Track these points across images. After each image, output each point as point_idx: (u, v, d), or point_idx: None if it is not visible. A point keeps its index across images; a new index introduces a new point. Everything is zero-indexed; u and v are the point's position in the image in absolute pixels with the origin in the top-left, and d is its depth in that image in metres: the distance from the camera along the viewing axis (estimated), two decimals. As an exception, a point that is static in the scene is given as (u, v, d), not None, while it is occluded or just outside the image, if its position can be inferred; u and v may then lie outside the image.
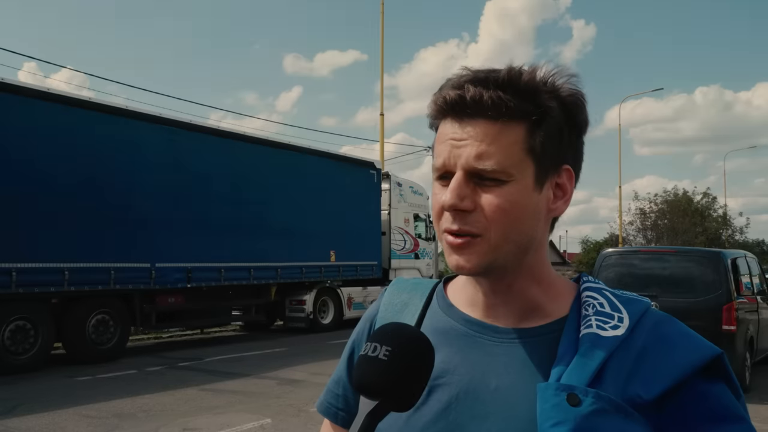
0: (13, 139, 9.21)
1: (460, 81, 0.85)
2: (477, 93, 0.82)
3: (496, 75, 0.84)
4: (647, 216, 39.00)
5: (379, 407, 0.74)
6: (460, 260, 0.85)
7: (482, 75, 0.84)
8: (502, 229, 0.83)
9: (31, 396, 7.75)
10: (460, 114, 0.84)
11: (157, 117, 11.40)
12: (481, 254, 0.84)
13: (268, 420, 6.74)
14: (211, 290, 12.63)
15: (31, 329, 9.52)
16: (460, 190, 0.83)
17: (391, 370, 0.75)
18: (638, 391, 0.79)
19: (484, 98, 0.82)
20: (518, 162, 0.83)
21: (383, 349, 0.76)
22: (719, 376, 0.82)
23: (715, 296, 8.26)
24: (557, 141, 0.86)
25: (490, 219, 0.83)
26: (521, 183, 0.83)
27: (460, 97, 0.83)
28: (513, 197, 0.83)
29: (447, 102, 0.85)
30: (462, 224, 0.84)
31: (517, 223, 0.84)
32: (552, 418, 0.77)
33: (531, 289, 0.90)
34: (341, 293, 15.61)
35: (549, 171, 0.86)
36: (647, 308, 0.88)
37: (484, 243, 0.84)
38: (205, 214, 11.93)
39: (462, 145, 0.83)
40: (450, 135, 0.85)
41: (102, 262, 10.21)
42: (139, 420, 6.75)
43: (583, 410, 0.77)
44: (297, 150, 14.33)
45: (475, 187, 0.84)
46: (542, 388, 0.80)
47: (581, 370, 0.80)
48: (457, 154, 0.84)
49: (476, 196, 0.83)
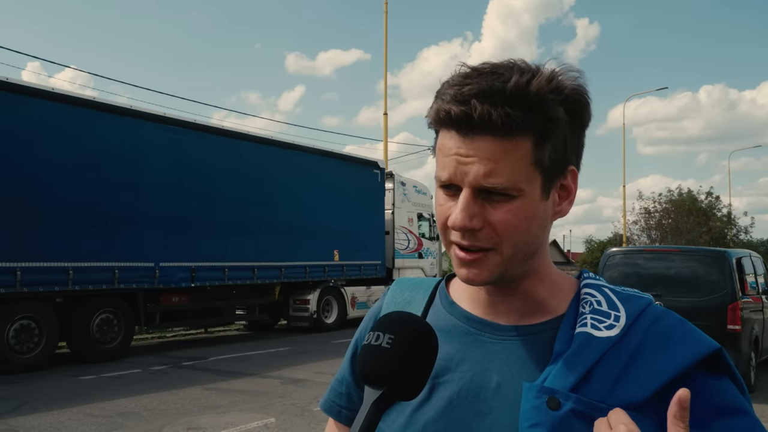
0: (17, 138, 9.23)
1: (464, 93, 0.80)
2: (485, 111, 0.78)
3: (502, 86, 0.79)
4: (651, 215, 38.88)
5: (384, 396, 0.74)
6: (470, 274, 0.85)
7: (486, 86, 0.79)
8: (512, 242, 0.83)
9: (36, 395, 7.77)
10: (465, 130, 0.81)
11: (160, 116, 11.42)
12: (493, 267, 0.84)
13: (272, 419, 6.75)
14: (215, 290, 12.67)
15: (35, 328, 9.55)
16: (468, 210, 0.81)
17: (394, 357, 0.75)
18: (632, 389, 0.79)
19: (492, 117, 0.79)
20: (526, 176, 0.82)
21: (386, 337, 0.76)
22: (722, 371, 0.82)
23: (720, 296, 8.24)
24: (563, 148, 0.84)
25: (500, 234, 0.82)
26: (529, 196, 0.83)
27: (467, 115, 0.79)
28: (522, 211, 0.82)
29: (451, 117, 0.81)
30: (473, 241, 0.83)
31: (526, 235, 0.84)
32: (530, 419, 0.79)
33: (535, 287, 0.90)
34: (345, 293, 15.61)
35: (555, 178, 0.86)
36: (646, 306, 0.87)
37: (495, 256, 0.84)
38: (209, 214, 11.95)
39: (469, 162, 0.81)
40: (455, 150, 0.82)
41: (106, 261, 10.24)
42: (143, 419, 6.76)
43: (562, 414, 0.77)
44: (300, 149, 14.34)
45: (483, 203, 0.82)
46: (526, 388, 0.81)
47: (567, 372, 0.80)
48: (463, 171, 0.81)
49: (485, 212, 0.82)
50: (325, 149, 15.42)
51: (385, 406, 0.74)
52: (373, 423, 0.73)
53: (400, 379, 0.75)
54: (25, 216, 9.23)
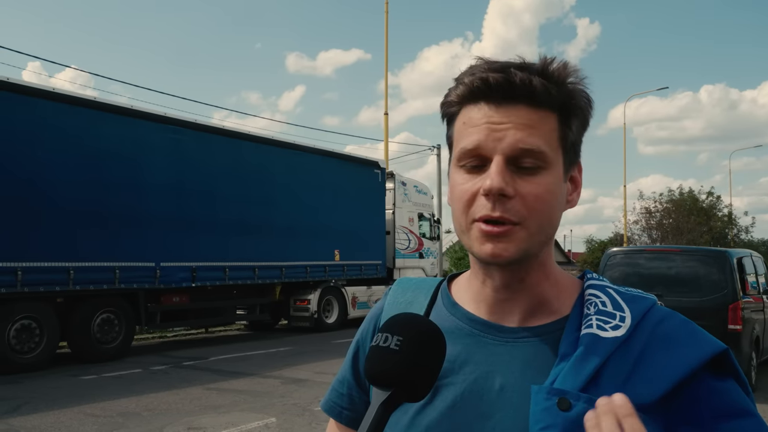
0: (18, 138, 9.23)
1: (496, 66, 0.83)
2: (526, 77, 0.80)
3: (531, 64, 0.83)
4: (652, 215, 38.86)
5: (391, 397, 0.74)
6: (497, 248, 0.82)
7: (516, 62, 0.84)
8: (539, 218, 0.82)
9: (37, 395, 7.77)
10: (498, 98, 0.82)
11: (161, 116, 11.42)
12: (519, 243, 0.82)
13: (273, 419, 6.75)
14: (216, 289, 12.67)
15: (36, 328, 9.56)
16: (504, 174, 0.81)
17: (402, 359, 0.75)
18: (640, 391, 0.78)
19: (533, 83, 0.81)
20: (554, 151, 0.83)
21: (394, 339, 0.76)
22: (728, 373, 0.82)
23: (721, 296, 8.23)
24: (579, 134, 0.87)
25: (529, 208, 0.81)
26: (554, 173, 0.83)
27: (507, 81, 0.81)
28: (549, 186, 0.83)
29: (489, 84, 0.81)
30: (503, 211, 0.81)
31: (551, 213, 0.84)
32: (541, 422, 0.78)
33: (541, 283, 0.89)
34: (346, 292, 15.61)
35: (572, 162, 0.87)
36: (651, 306, 0.87)
37: (522, 231, 0.82)
38: (210, 214, 11.95)
39: (503, 128, 0.81)
40: (486, 119, 0.82)
41: (107, 261, 10.24)
42: (144, 419, 6.76)
43: (573, 415, 0.77)
44: (301, 149, 14.34)
45: (513, 175, 0.82)
46: (535, 390, 0.80)
47: (576, 373, 0.80)
48: (497, 137, 0.81)
49: (515, 183, 0.82)
50: (326, 149, 15.42)
51: (392, 407, 0.74)
52: (381, 424, 0.73)
53: (408, 381, 0.75)
54: (25, 216, 9.23)
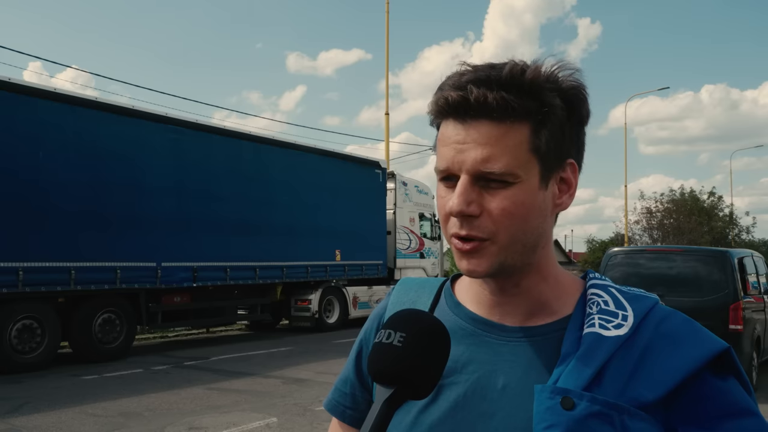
0: (18, 138, 9.24)
1: (462, 81, 0.82)
2: (481, 95, 0.80)
3: (498, 74, 0.81)
4: (653, 215, 38.88)
5: (395, 394, 0.74)
6: (470, 264, 0.84)
7: (483, 74, 0.82)
8: (509, 231, 0.82)
9: (38, 395, 7.78)
10: (462, 116, 0.82)
11: (162, 116, 11.42)
12: (491, 257, 0.83)
13: (274, 419, 6.75)
14: (217, 289, 12.67)
15: (37, 328, 9.56)
16: (466, 195, 0.82)
17: (405, 355, 0.74)
18: (643, 390, 0.79)
19: (488, 100, 0.80)
20: (524, 162, 0.82)
21: (397, 335, 0.76)
22: (730, 372, 0.82)
23: (722, 296, 8.23)
24: (560, 137, 0.85)
25: (497, 222, 0.82)
26: (527, 183, 0.83)
27: (463, 98, 0.81)
28: (519, 198, 0.82)
29: (449, 103, 0.83)
30: (469, 229, 0.83)
31: (524, 224, 0.83)
32: (545, 421, 0.78)
33: (538, 286, 0.90)
34: (347, 292, 15.61)
35: (553, 168, 0.86)
36: (653, 305, 0.87)
37: (492, 246, 0.83)
38: (211, 214, 11.95)
39: (466, 148, 0.82)
40: (453, 138, 0.83)
41: (108, 261, 10.24)
42: (145, 419, 6.76)
43: (577, 414, 0.77)
44: (302, 149, 14.34)
45: (481, 190, 0.82)
46: (538, 390, 0.80)
47: (579, 372, 0.80)
48: (461, 159, 0.82)
49: (482, 199, 0.82)
50: (327, 149, 15.41)
51: (396, 405, 0.74)
52: (384, 422, 0.72)
53: (412, 377, 0.74)
54: (26, 216, 9.23)
